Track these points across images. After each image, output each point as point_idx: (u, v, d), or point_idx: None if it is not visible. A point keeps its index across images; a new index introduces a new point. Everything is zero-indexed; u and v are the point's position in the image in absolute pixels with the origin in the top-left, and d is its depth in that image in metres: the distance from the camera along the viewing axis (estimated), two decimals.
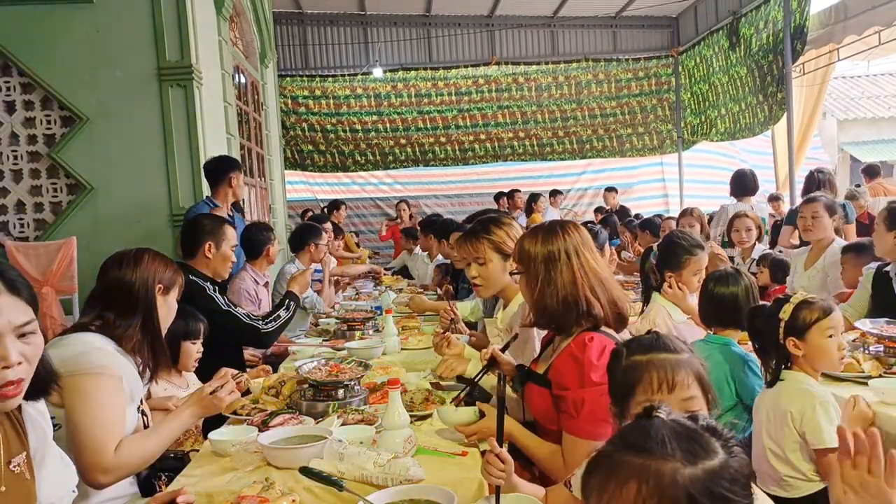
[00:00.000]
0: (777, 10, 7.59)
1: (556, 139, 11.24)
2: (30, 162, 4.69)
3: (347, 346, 3.14)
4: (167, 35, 4.54)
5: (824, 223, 3.72)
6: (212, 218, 3.27)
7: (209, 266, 3.11)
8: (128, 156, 4.60)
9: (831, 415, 1.96)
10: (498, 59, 11.01)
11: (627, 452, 0.90)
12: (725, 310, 2.47)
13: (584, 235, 1.93)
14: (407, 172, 11.63)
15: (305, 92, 10.71)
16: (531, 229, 2.00)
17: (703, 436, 0.91)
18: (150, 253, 2.07)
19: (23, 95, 4.64)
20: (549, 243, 1.89)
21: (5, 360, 1.18)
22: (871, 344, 2.55)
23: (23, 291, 1.24)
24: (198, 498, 1.62)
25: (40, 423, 1.39)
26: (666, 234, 3.26)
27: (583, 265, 1.86)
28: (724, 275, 2.53)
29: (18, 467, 1.29)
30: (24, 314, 1.23)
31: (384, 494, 1.52)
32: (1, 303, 1.20)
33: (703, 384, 1.36)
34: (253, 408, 2.23)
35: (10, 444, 1.28)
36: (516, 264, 1.99)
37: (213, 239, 3.08)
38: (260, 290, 4.01)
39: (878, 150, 14.61)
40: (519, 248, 1.97)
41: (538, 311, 1.90)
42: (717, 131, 9.83)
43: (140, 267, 2.00)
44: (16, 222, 4.73)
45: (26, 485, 1.31)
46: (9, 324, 1.20)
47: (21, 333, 1.22)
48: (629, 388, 1.37)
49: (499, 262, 2.54)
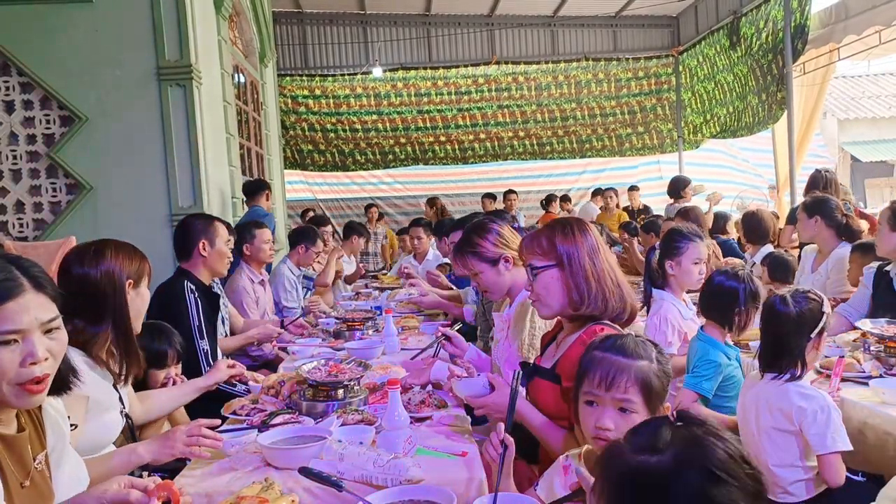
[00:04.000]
0: (777, 10, 7.59)
1: (556, 139, 11.23)
2: (29, 162, 4.68)
3: (347, 346, 3.14)
4: (166, 34, 4.54)
5: (805, 224, 3.76)
6: (202, 217, 3.27)
7: (206, 265, 3.10)
8: (127, 155, 4.60)
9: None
10: (498, 59, 11.00)
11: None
12: (721, 305, 2.44)
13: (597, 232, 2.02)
14: (407, 172, 11.63)
15: (305, 91, 10.70)
16: (556, 225, 1.97)
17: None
18: (112, 245, 1.95)
19: (22, 95, 4.63)
20: (585, 236, 1.93)
21: (33, 356, 1.21)
22: (872, 344, 2.54)
23: (47, 288, 1.26)
24: (197, 498, 1.62)
25: (59, 423, 1.41)
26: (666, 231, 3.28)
27: (606, 259, 1.94)
28: (732, 272, 2.51)
29: (41, 465, 1.32)
30: (50, 311, 1.26)
31: (384, 494, 1.52)
32: (28, 300, 1.21)
33: (648, 392, 1.45)
34: (253, 408, 2.23)
35: (33, 443, 1.31)
36: (540, 259, 1.94)
37: (206, 237, 3.08)
38: (257, 289, 4.01)
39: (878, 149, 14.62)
40: (547, 243, 1.93)
41: (576, 302, 1.89)
42: (717, 130, 9.82)
43: (104, 262, 1.88)
44: (15, 222, 4.73)
45: (47, 483, 1.34)
46: (36, 320, 1.22)
47: (47, 329, 1.25)
48: (580, 378, 1.52)
49: (489, 268, 2.62)
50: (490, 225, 2.70)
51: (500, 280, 2.62)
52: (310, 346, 3.30)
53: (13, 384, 1.21)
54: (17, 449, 1.26)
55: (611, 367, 1.46)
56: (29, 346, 1.21)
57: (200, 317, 2.94)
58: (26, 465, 1.27)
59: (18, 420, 1.29)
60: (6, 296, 1.19)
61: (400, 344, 3.20)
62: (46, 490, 1.33)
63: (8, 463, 1.23)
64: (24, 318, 1.20)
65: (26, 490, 1.26)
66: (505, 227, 2.73)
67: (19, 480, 1.25)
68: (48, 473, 1.35)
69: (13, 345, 1.20)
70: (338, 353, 3.00)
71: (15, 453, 1.25)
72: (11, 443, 1.26)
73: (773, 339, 2.03)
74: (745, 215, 4.73)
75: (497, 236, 2.64)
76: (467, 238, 2.68)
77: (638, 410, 1.44)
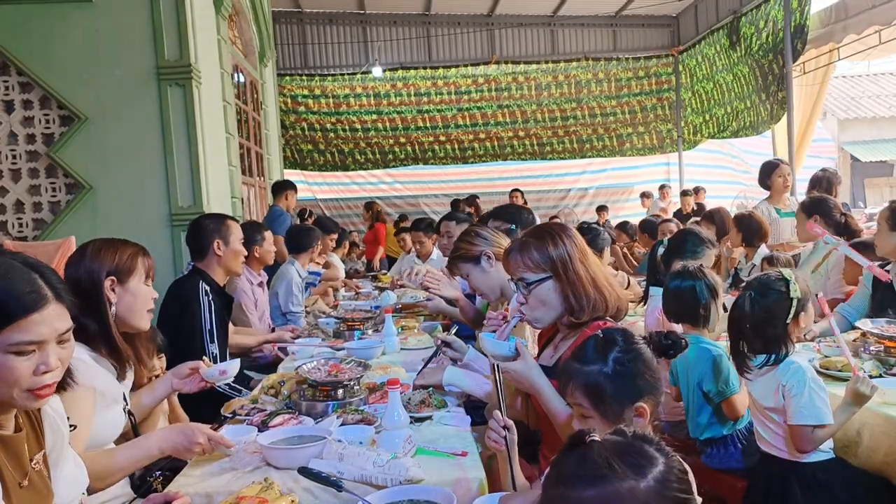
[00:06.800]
0: (777, 10, 7.59)
1: (556, 138, 11.23)
2: (28, 161, 4.68)
3: (347, 346, 3.14)
4: (166, 34, 4.53)
5: (802, 225, 3.77)
6: (214, 216, 3.26)
7: (221, 264, 3.09)
8: (127, 155, 4.59)
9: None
10: (498, 59, 11.01)
11: (582, 486, 0.89)
12: (685, 306, 2.46)
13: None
14: (406, 171, 11.63)
15: (305, 91, 10.70)
16: (543, 235, 1.92)
17: (638, 445, 0.92)
18: (95, 244, 1.95)
19: (21, 94, 4.63)
20: (571, 242, 1.89)
21: (47, 365, 1.24)
22: (872, 344, 2.54)
23: (66, 298, 1.29)
24: (197, 498, 1.62)
25: (58, 424, 1.42)
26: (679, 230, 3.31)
27: (593, 260, 1.94)
28: (685, 271, 2.52)
29: (38, 465, 1.33)
30: (67, 321, 1.29)
31: (384, 495, 1.52)
32: (49, 311, 1.24)
33: (597, 397, 1.45)
34: (252, 408, 2.22)
35: (31, 443, 1.33)
36: (532, 272, 1.87)
37: (219, 236, 3.07)
38: (255, 290, 3.99)
39: (878, 149, 14.63)
40: (539, 255, 1.87)
41: (575, 310, 1.86)
42: (718, 130, 9.83)
43: (84, 262, 1.89)
44: (14, 222, 4.72)
45: (46, 483, 1.35)
46: (54, 331, 1.25)
47: (61, 339, 1.28)
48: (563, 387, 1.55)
49: (474, 268, 2.68)
50: (469, 228, 2.82)
51: (487, 278, 2.67)
52: (310, 346, 3.30)
53: (24, 390, 1.24)
54: (13, 449, 1.27)
55: (564, 374, 1.51)
56: (45, 356, 1.24)
57: (212, 320, 2.94)
58: (23, 466, 1.28)
59: (16, 421, 1.30)
60: (31, 308, 1.21)
61: (399, 344, 3.20)
62: (45, 490, 1.34)
63: (5, 463, 1.24)
64: (44, 331, 1.23)
65: (25, 490, 1.27)
66: (484, 227, 2.85)
67: (17, 480, 1.26)
68: (47, 473, 1.36)
69: (31, 354, 1.23)
70: (338, 353, 3.00)
71: (11, 454, 1.26)
72: (8, 443, 1.26)
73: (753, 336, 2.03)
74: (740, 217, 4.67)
75: (475, 236, 2.72)
76: (455, 244, 2.77)
77: (592, 415, 1.44)
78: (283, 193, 6.19)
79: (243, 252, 3.19)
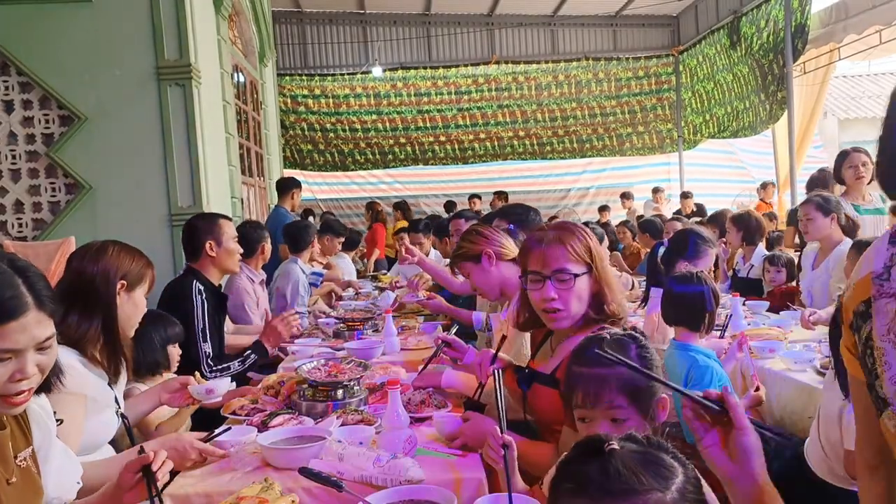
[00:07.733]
0: (778, 10, 7.59)
1: (556, 138, 11.23)
2: (28, 161, 4.67)
3: (347, 346, 3.13)
4: (166, 34, 4.52)
5: (818, 224, 3.70)
6: (205, 216, 3.25)
7: (215, 264, 3.08)
8: (126, 155, 4.59)
9: None
10: (498, 58, 11.00)
11: (610, 500, 0.86)
12: (690, 310, 2.45)
13: None
14: (406, 171, 11.63)
15: (305, 91, 10.70)
16: (575, 229, 1.89)
17: (658, 455, 0.91)
18: (117, 246, 1.95)
19: (21, 94, 4.62)
20: (596, 239, 1.90)
21: (23, 373, 1.22)
22: None
23: (48, 305, 1.25)
24: (197, 498, 1.62)
25: (44, 420, 1.41)
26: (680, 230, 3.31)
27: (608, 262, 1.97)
28: (691, 276, 2.51)
29: (25, 462, 1.32)
30: (48, 329, 1.25)
31: (384, 495, 1.52)
32: (29, 319, 1.21)
33: (635, 395, 1.41)
34: (252, 408, 2.22)
35: (16, 440, 1.32)
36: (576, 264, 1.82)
37: (212, 237, 3.06)
38: (256, 289, 3.99)
39: None
40: (582, 247, 1.83)
41: (601, 307, 1.84)
42: (718, 130, 9.82)
43: (102, 260, 1.89)
44: (14, 222, 4.72)
45: (34, 479, 1.35)
46: (32, 340, 1.22)
47: (41, 347, 1.25)
48: (568, 397, 1.48)
49: (474, 267, 2.66)
50: (471, 227, 2.80)
51: (488, 277, 2.64)
52: (310, 346, 3.30)
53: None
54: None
55: (592, 383, 1.42)
56: (21, 363, 1.21)
57: (205, 319, 2.93)
58: (9, 463, 1.28)
59: (0, 418, 1.29)
60: (10, 315, 1.19)
61: (400, 344, 3.20)
62: (34, 486, 1.34)
63: None
64: (21, 338, 1.20)
65: (13, 486, 1.27)
66: (487, 226, 2.82)
67: (5, 477, 1.26)
68: (36, 470, 1.36)
69: (6, 361, 1.20)
70: (338, 353, 3.00)
71: None
72: None
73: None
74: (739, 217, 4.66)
75: (477, 234, 2.71)
76: (457, 243, 2.75)
77: (629, 417, 1.41)
78: (290, 193, 5.96)
79: (238, 250, 3.17)
